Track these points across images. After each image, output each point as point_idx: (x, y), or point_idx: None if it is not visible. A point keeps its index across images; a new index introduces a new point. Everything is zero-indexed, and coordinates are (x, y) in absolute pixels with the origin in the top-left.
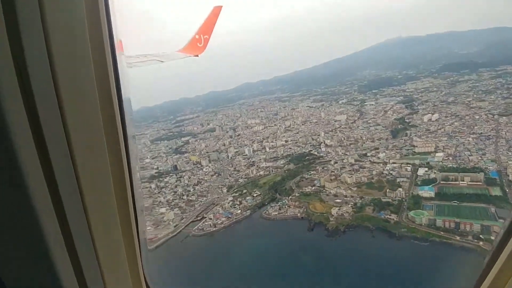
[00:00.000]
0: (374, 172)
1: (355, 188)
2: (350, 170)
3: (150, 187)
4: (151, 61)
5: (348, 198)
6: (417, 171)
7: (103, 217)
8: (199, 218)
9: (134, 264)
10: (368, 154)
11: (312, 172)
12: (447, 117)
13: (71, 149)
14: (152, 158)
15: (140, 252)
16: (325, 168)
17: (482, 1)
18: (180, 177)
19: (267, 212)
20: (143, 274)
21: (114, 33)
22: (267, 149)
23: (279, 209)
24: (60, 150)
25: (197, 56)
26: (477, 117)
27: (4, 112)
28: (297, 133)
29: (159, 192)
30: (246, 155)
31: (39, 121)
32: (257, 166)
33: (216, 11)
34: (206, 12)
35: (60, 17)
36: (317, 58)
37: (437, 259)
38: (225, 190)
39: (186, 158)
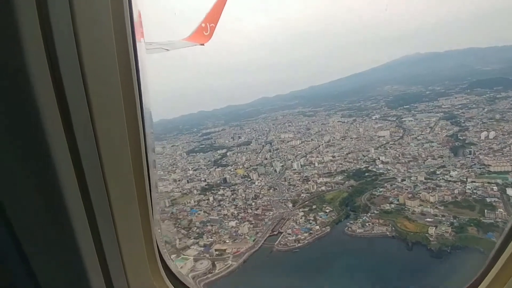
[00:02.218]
0: (455, 191)
1: (442, 207)
2: (426, 188)
3: (208, 199)
4: (156, 49)
5: (439, 217)
6: (505, 191)
7: (126, 215)
8: (275, 232)
9: (152, 256)
10: (438, 172)
11: (381, 189)
12: (505, 135)
13: (98, 148)
14: (194, 170)
15: (157, 243)
16: (393, 185)
17: (501, 19)
18: (233, 190)
19: (350, 229)
20: (161, 264)
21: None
22: (316, 164)
23: (362, 226)
24: (89, 150)
25: (203, 44)
26: None
27: (40, 115)
28: (341, 148)
29: (218, 205)
30: (295, 169)
31: (70, 119)
32: (313, 181)
33: None
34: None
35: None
36: (333, 74)
37: None
38: (289, 204)
39: (230, 171)
